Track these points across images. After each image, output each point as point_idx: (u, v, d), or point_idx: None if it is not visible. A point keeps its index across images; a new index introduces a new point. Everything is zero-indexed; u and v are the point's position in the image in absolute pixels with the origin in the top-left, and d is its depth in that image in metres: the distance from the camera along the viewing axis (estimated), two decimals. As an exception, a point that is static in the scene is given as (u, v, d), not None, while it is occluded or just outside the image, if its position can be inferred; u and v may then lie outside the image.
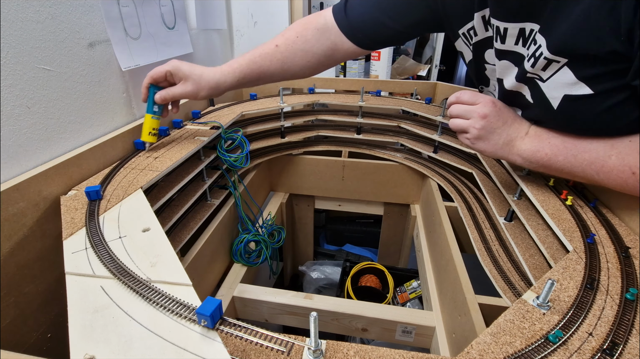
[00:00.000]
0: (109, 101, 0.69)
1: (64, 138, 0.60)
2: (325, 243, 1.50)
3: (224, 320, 0.33)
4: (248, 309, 0.75)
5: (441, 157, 0.90)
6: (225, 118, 0.85)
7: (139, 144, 0.67)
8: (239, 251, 0.80)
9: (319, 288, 1.10)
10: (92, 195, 0.51)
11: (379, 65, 1.33)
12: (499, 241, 0.64)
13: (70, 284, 0.37)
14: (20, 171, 0.52)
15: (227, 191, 0.83)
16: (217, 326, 0.32)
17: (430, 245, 0.84)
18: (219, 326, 0.32)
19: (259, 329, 0.32)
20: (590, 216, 0.53)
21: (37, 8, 0.53)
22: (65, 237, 0.44)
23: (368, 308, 0.70)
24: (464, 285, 0.56)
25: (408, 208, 1.07)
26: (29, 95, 0.53)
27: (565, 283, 0.41)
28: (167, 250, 0.42)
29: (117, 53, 0.69)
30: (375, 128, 1.06)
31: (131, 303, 0.35)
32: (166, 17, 0.83)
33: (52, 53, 0.56)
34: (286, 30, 0.73)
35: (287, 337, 0.32)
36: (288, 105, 0.95)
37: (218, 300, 0.32)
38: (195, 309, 0.32)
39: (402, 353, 0.32)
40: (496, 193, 0.72)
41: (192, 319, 0.33)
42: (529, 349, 0.32)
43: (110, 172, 0.59)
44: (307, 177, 1.06)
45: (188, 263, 0.64)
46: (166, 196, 0.61)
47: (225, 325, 0.32)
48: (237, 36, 1.21)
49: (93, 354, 0.30)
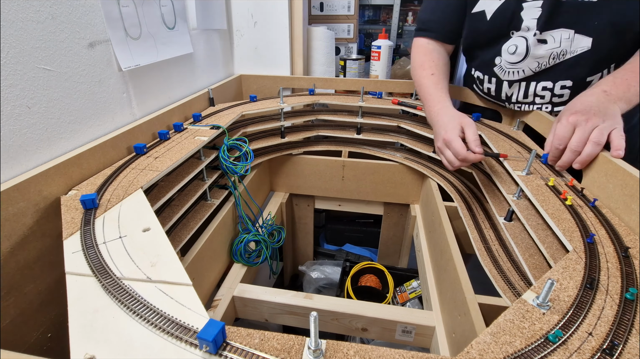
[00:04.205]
0: (109, 101, 0.69)
1: (64, 138, 0.60)
2: (325, 243, 1.50)
3: (228, 344, 0.31)
4: (248, 309, 0.75)
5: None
6: (226, 118, 0.86)
7: (139, 148, 0.67)
8: (239, 251, 0.80)
9: (319, 287, 1.10)
10: (88, 204, 0.49)
11: (379, 65, 1.33)
12: (498, 241, 0.64)
13: (71, 284, 0.37)
14: (21, 171, 0.52)
15: (227, 191, 0.83)
16: (220, 351, 0.30)
17: (430, 245, 0.84)
18: (222, 351, 0.30)
19: (266, 355, 0.30)
20: (590, 216, 0.53)
21: (37, 8, 0.53)
22: (65, 237, 0.44)
23: (368, 308, 0.70)
24: (464, 285, 0.56)
25: (408, 208, 1.07)
26: (29, 95, 0.53)
27: (565, 282, 0.41)
28: (167, 250, 0.42)
29: (117, 53, 0.69)
30: (375, 128, 1.06)
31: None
32: (166, 17, 0.83)
33: (52, 53, 0.56)
34: (421, 65, 0.87)
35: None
36: (288, 105, 0.95)
37: (221, 323, 0.31)
38: (197, 333, 0.30)
39: (402, 352, 0.32)
40: (496, 192, 0.72)
41: (193, 344, 0.31)
42: (528, 349, 0.33)
43: (111, 174, 0.59)
44: (307, 177, 1.06)
45: (188, 263, 0.64)
46: (166, 196, 0.61)
47: (229, 350, 0.30)
48: (237, 36, 1.20)
49: (93, 354, 0.30)
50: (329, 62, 1.34)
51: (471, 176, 0.81)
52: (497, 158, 0.70)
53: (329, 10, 1.53)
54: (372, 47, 1.33)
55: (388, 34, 1.54)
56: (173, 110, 0.82)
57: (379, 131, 1.04)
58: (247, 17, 1.17)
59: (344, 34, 1.57)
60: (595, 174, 0.59)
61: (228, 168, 0.77)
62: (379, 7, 1.81)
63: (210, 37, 1.06)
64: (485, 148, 0.69)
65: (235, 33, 1.20)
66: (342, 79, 1.16)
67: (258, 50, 1.22)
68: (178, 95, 0.92)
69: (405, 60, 1.63)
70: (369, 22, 1.85)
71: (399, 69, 1.62)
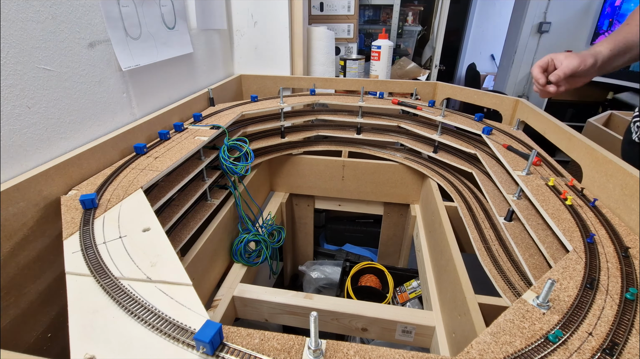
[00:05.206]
0: (109, 101, 0.69)
1: (64, 138, 0.60)
2: (325, 243, 1.50)
3: (225, 345, 0.31)
4: (248, 309, 0.75)
5: (441, 157, 0.90)
6: (226, 118, 0.86)
7: (139, 148, 0.67)
8: (239, 251, 0.80)
9: (319, 287, 1.10)
10: (87, 204, 0.49)
11: (379, 65, 1.33)
12: (498, 241, 0.64)
13: (71, 284, 0.37)
14: (21, 171, 0.52)
15: (227, 191, 0.83)
16: (217, 352, 0.30)
17: (430, 245, 0.84)
18: (219, 352, 0.30)
19: (263, 356, 0.30)
20: (590, 216, 0.53)
21: (37, 8, 0.53)
22: (65, 237, 0.44)
23: (368, 308, 0.70)
24: (464, 285, 0.56)
25: (408, 208, 1.07)
26: (29, 95, 0.53)
27: (565, 282, 0.41)
28: (167, 250, 0.42)
29: (117, 53, 0.69)
30: (375, 128, 1.06)
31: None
32: (166, 17, 0.83)
33: (52, 53, 0.56)
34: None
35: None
36: (288, 105, 0.95)
37: (218, 324, 0.30)
38: (194, 334, 0.30)
39: (402, 352, 0.32)
40: (496, 193, 0.72)
41: (190, 345, 0.31)
42: (528, 348, 0.33)
43: (111, 174, 0.59)
44: (307, 177, 1.06)
45: (188, 263, 0.64)
46: (166, 196, 0.61)
47: (226, 352, 0.30)
48: (237, 36, 1.20)
49: (93, 354, 0.30)
50: (329, 62, 1.34)
51: (471, 176, 0.82)
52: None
53: (329, 10, 1.53)
54: (372, 47, 1.33)
55: (388, 34, 1.54)
56: (173, 110, 0.82)
57: (379, 131, 1.04)
58: (247, 16, 1.17)
59: (344, 34, 1.57)
60: (595, 174, 0.60)
61: (228, 168, 0.77)
62: (379, 7, 1.81)
63: (210, 37, 1.06)
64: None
65: (235, 33, 1.20)
66: (342, 79, 1.16)
67: (258, 50, 1.22)
68: (178, 95, 0.92)
69: (405, 60, 1.63)
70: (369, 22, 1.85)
71: (399, 69, 1.62)
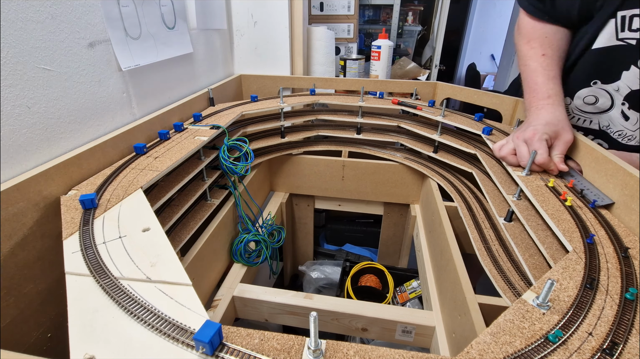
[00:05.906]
0: (109, 101, 0.69)
1: (64, 138, 0.60)
2: (325, 243, 1.50)
3: (224, 346, 0.31)
4: (248, 309, 0.75)
5: (441, 157, 0.90)
6: (226, 118, 0.86)
7: (139, 148, 0.67)
8: (239, 251, 0.80)
9: (319, 287, 1.10)
10: (87, 204, 0.49)
11: (379, 65, 1.33)
12: (498, 241, 0.64)
13: (70, 284, 0.37)
14: (20, 171, 0.52)
15: (227, 191, 0.83)
16: (217, 352, 0.30)
17: (430, 245, 0.84)
18: (218, 352, 0.30)
19: (263, 356, 0.30)
20: (590, 217, 0.53)
21: (37, 8, 0.53)
22: (65, 237, 0.44)
23: (368, 308, 0.70)
24: (464, 285, 0.56)
25: (408, 208, 1.07)
26: (29, 95, 0.53)
27: (565, 283, 0.41)
28: (167, 250, 0.42)
29: (117, 53, 0.69)
30: (375, 128, 1.06)
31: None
32: (166, 17, 0.83)
33: (52, 53, 0.56)
34: (526, 45, 0.75)
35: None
36: (288, 105, 0.95)
37: (217, 324, 0.30)
38: (194, 334, 0.30)
39: (402, 352, 0.32)
40: (496, 193, 0.72)
41: (190, 345, 0.31)
42: (528, 349, 0.33)
43: (111, 174, 0.59)
44: (307, 177, 1.06)
45: (188, 263, 0.64)
46: (166, 196, 0.61)
47: (226, 352, 0.30)
48: (237, 36, 1.20)
49: (93, 354, 0.30)
50: (329, 62, 1.34)
51: (471, 176, 0.81)
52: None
53: (329, 10, 1.53)
54: (372, 47, 1.33)
55: (388, 33, 1.54)
56: (173, 110, 0.82)
57: (379, 131, 1.04)
58: (247, 16, 1.17)
59: (344, 34, 1.57)
60: (595, 174, 0.60)
61: (228, 168, 0.77)
62: (379, 7, 1.81)
63: (210, 37, 1.06)
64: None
65: (235, 33, 1.20)
66: (342, 79, 1.16)
67: (258, 50, 1.22)
68: (178, 95, 0.92)
69: (405, 60, 1.63)
70: (369, 22, 1.85)
71: (399, 69, 1.62)
